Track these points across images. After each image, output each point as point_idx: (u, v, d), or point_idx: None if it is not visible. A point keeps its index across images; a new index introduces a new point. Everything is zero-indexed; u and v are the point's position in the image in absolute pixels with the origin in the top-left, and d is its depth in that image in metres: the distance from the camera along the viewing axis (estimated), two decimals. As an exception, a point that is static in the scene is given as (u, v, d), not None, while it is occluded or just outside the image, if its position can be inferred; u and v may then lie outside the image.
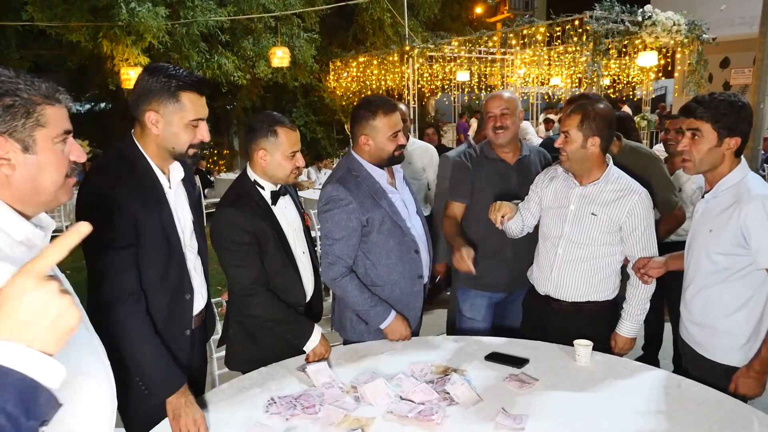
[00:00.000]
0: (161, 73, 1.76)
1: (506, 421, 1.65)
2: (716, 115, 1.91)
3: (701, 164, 1.98)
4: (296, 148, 2.14)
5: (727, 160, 1.97)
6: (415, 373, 1.95)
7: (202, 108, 1.83)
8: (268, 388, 1.90)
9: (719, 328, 2.03)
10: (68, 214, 8.21)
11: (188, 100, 1.78)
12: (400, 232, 2.32)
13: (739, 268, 1.96)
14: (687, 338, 2.16)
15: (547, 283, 2.42)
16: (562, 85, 12.36)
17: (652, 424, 1.64)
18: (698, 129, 1.95)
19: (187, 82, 1.78)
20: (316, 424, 1.66)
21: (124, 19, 8.26)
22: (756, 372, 1.95)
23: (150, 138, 1.80)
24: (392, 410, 1.71)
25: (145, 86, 1.76)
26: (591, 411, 1.72)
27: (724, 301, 2.01)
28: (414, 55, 10.24)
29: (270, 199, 2.17)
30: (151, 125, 1.77)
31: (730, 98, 1.93)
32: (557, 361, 2.07)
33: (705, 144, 1.94)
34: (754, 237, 1.87)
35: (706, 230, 2.01)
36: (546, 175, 2.51)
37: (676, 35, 7.66)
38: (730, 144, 1.93)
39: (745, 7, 11.84)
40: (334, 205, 2.24)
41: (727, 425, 1.63)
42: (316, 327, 2.14)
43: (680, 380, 1.90)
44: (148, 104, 1.76)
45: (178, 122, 1.78)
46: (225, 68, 9.83)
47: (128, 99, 5.90)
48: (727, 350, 2.02)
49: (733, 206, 1.93)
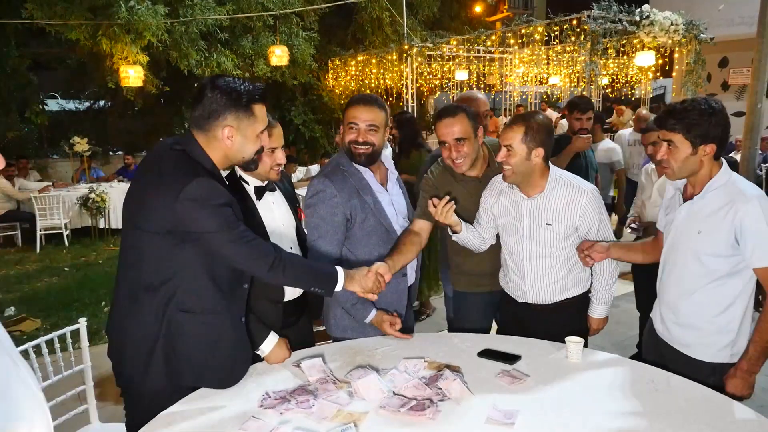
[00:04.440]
0: (232, 89, 1.82)
1: (497, 416, 1.67)
2: (688, 125, 1.94)
3: (681, 171, 2.02)
4: (276, 144, 2.16)
5: (707, 165, 2.00)
6: (408, 369, 1.98)
7: (266, 116, 1.94)
8: (262, 383, 1.92)
9: (709, 328, 2.05)
10: (67, 212, 8.23)
11: (259, 111, 1.87)
12: (384, 230, 2.34)
13: (730, 267, 1.98)
14: (670, 340, 2.18)
15: (524, 294, 2.49)
16: (561, 84, 12.38)
17: (642, 420, 1.66)
18: (671, 140, 1.98)
19: (257, 94, 1.86)
20: (310, 418, 1.68)
21: (124, 17, 8.28)
22: (743, 372, 1.98)
23: (218, 149, 1.86)
24: (385, 405, 1.73)
25: (219, 102, 1.81)
26: (581, 406, 1.74)
27: (714, 302, 2.03)
28: (413, 54, 10.27)
29: (254, 195, 2.20)
30: (226, 139, 1.83)
31: (701, 105, 1.94)
32: (548, 357, 2.10)
33: (681, 153, 1.97)
34: (750, 237, 1.89)
35: (694, 232, 2.02)
36: (491, 192, 2.53)
37: (673, 35, 7.69)
38: (706, 150, 1.95)
39: (744, 6, 11.85)
40: (318, 198, 2.27)
41: (715, 421, 1.65)
42: (271, 334, 2.09)
43: (669, 377, 1.92)
44: (224, 119, 1.82)
45: (251, 134, 1.87)
46: (224, 66, 9.85)
47: (128, 97, 5.91)
48: (715, 349, 2.05)
49: (726, 207, 1.94)
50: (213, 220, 1.76)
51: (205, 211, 1.75)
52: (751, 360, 1.96)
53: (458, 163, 2.49)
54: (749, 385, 2.00)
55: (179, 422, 1.70)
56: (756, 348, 1.96)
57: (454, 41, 10.32)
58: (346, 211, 2.27)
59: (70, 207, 8.35)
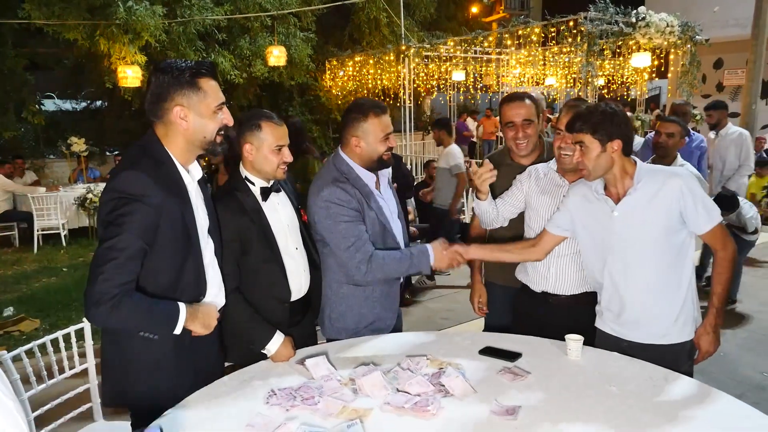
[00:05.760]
0: (172, 67, 1.80)
1: (499, 412, 1.71)
2: (593, 125, 2.11)
3: (596, 170, 2.16)
4: (282, 142, 2.18)
5: (618, 161, 2.15)
6: (411, 366, 2.01)
7: (220, 92, 1.87)
8: (268, 381, 1.95)
9: (675, 310, 2.18)
10: (64, 212, 8.23)
11: (207, 86, 1.82)
12: (387, 234, 2.37)
13: (679, 247, 2.14)
14: (625, 335, 2.24)
15: (545, 281, 2.50)
16: (557, 85, 12.43)
17: (640, 416, 1.70)
18: (582, 141, 2.13)
19: (200, 69, 1.82)
20: (316, 415, 1.71)
21: (122, 17, 8.28)
22: (712, 326, 2.19)
23: (177, 134, 1.82)
24: (389, 401, 1.76)
25: (162, 84, 1.79)
26: (581, 402, 1.78)
27: (674, 284, 2.18)
28: (410, 54, 10.30)
29: (260, 195, 2.21)
30: (180, 120, 1.80)
31: (602, 108, 2.16)
32: (549, 355, 2.13)
33: (592, 152, 2.13)
34: (691, 206, 2.08)
35: (638, 225, 2.14)
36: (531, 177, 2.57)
37: (669, 36, 7.74)
38: (614, 147, 2.12)
39: (738, 8, 11.95)
40: (338, 209, 2.24)
41: (713, 416, 1.69)
42: (277, 333, 2.12)
43: (667, 373, 1.96)
44: (171, 100, 1.79)
45: (205, 110, 1.82)
46: (221, 67, 9.86)
47: (125, 97, 5.91)
48: (688, 327, 2.20)
49: (662, 188, 2.11)
50: (104, 209, 1.70)
51: (110, 204, 1.69)
52: (718, 312, 2.18)
53: (521, 144, 2.62)
54: (718, 339, 2.21)
55: (185, 420, 1.72)
56: (719, 300, 2.18)
57: (451, 42, 10.35)
58: (360, 216, 2.28)
59: (68, 207, 8.35)
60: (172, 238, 1.78)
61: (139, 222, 1.68)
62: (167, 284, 1.82)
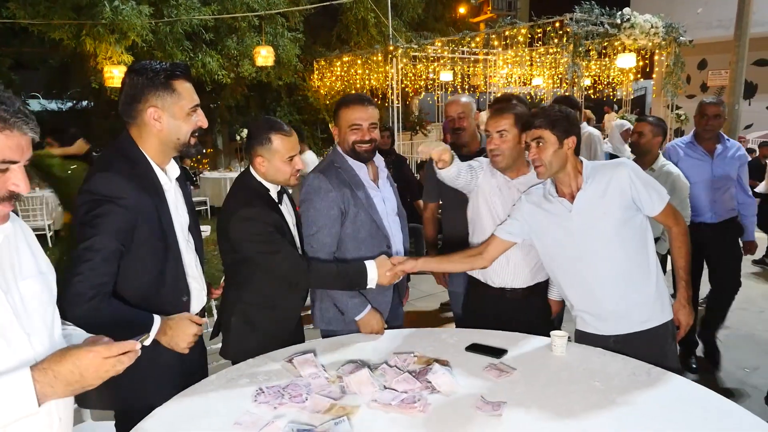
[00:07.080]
0: (146, 69, 1.79)
1: (485, 408, 1.73)
2: (552, 122, 2.20)
3: (551, 166, 2.21)
4: (293, 152, 2.23)
5: (571, 159, 2.24)
6: (399, 363, 2.03)
7: (194, 94, 1.87)
8: (256, 379, 1.96)
9: (652, 292, 2.24)
10: (50, 213, 8.16)
11: (181, 88, 1.82)
12: (375, 226, 2.40)
13: (638, 228, 2.21)
14: (609, 330, 2.27)
15: (503, 275, 2.56)
16: (544, 85, 12.50)
17: (624, 411, 1.73)
18: (540, 137, 2.20)
19: (174, 71, 1.81)
20: (303, 412, 1.72)
21: (108, 17, 8.21)
22: (686, 299, 2.31)
23: (151, 136, 1.82)
24: (376, 399, 1.78)
25: (136, 85, 1.78)
26: (566, 398, 1.81)
27: (639, 269, 2.23)
28: (398, 55, 10.30)
29: (276, 198, 2.29)
30: (154, 122, 1.79)
31: (557, 107, 2.30)
32: (534, 351, 2.16)
33: (550, 148, 2.20)
34: (641, 191, 2.18)
35: (598, 217, 2.20)
36: None
37: (653, 37, 7.81)
38: (569, 144, 2.21)
39: (722, 10, 12.10)
40: (315, 193, 2.34)
41: (695, 410, 1.73)
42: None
43: (650, 368, 1.99)
44: (146, 102, 1.78)
45: (179, 112, 1.82)
46: (209, 67, 9.82)
47: (111, 97, 5.87)
48: (647, 313, 2.25)
49: (611, 180, 2.20)
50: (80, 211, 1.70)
51: (84, 206, 1.70)
52: (687, 285, 2.32)
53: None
54: (693, 310, 2.35)
55: (173, 419, 1.72)
56: (685, 272, 2.32)
57: (438, 42, 10.37)
58: (340, 205, 2.33)
59: (54, 208, 8.27)
60: (150, 239, 1.79)
61: (114, 223, 1.68)
62: (148, 284, 1.82)
